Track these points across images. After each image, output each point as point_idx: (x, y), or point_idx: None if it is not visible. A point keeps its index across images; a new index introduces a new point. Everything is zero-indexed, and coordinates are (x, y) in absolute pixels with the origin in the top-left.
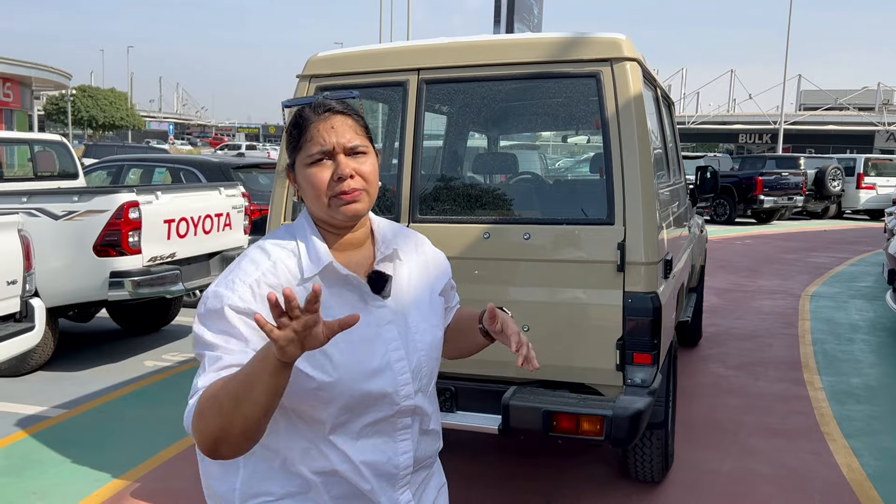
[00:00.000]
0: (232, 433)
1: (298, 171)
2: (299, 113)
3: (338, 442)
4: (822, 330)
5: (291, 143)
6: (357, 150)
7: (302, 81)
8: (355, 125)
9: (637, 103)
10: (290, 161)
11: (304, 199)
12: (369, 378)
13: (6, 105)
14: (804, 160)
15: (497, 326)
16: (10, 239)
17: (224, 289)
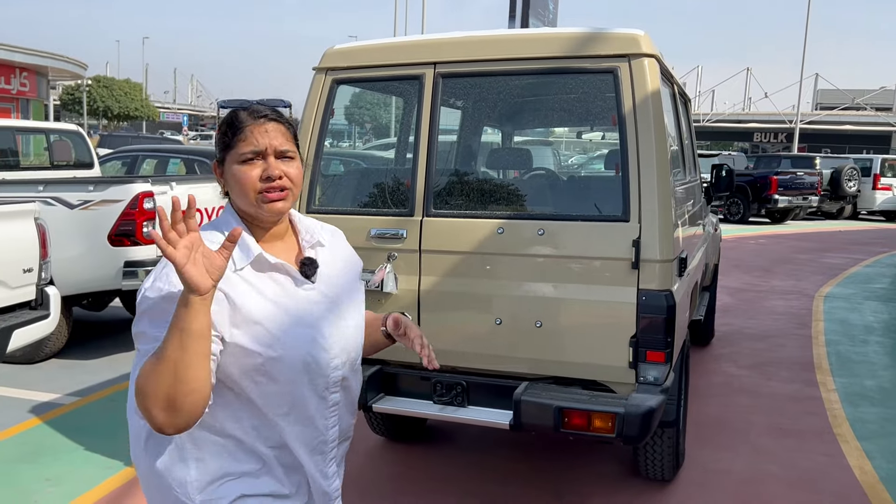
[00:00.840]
0: (180, 395)
1: (228, 167)
2: (235, 115)
3: (280, 418)
4: (835, 331)
5: (224, 141)
6: (286, 154)
7: (318, 74)
8: (286, 132)
9: (654, 100)
10: (219, 157)
11: (230, 193)
12: (308, 352)
13: (23, 94)
14: (820, 160)
15: (401, 330)
16: (27, 227)
17: (161, 283)
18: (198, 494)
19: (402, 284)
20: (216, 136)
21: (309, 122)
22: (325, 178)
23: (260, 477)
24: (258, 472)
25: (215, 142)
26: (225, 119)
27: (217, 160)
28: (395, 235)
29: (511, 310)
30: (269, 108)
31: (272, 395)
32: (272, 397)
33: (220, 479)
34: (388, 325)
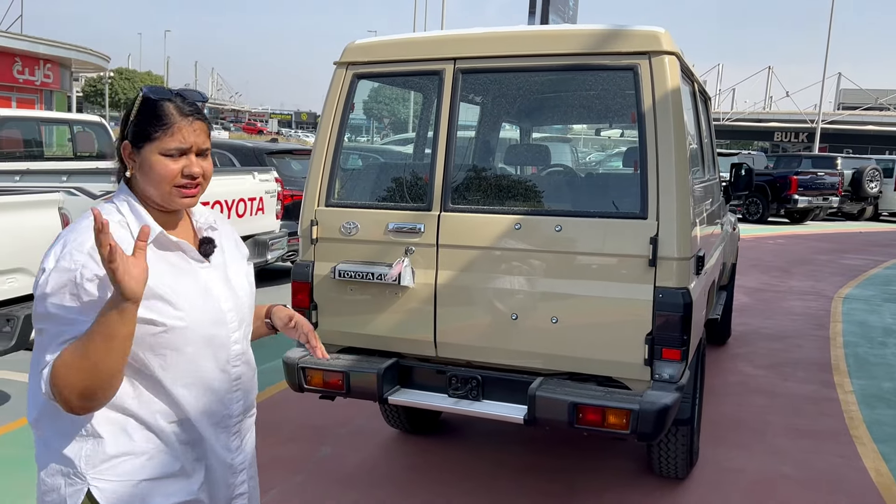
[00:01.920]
0: (99, 388)
1: (147, 155)
2: (161, 107)
3: (183, 393)
4: (854, 333)
5: (146, 130)
6: (205, 151)
7: (339, 68)
8: (207, 129)
9: (674, 98)
10: (136, 142)
11: (140, 177)
12: (210, 324)
13: (46, 86)
14: (841, 160)
15: (291, 324)
16: (51, 217)
17: (66, 262)
18: (90, 470)
19: (419, 278)
20: (131, 119)
21: (329, 116)
22: (343, 171)
23: (155, 457)
24: (154, 451)
25: (129, 123)
26: (147, 106)
27: (129, 142)
28: (412, 230)
29: (527, 305)
30: (194, 105)
31: (176, 369)
32: (176, 370)
33: (114, 457)
34: (277, 318)
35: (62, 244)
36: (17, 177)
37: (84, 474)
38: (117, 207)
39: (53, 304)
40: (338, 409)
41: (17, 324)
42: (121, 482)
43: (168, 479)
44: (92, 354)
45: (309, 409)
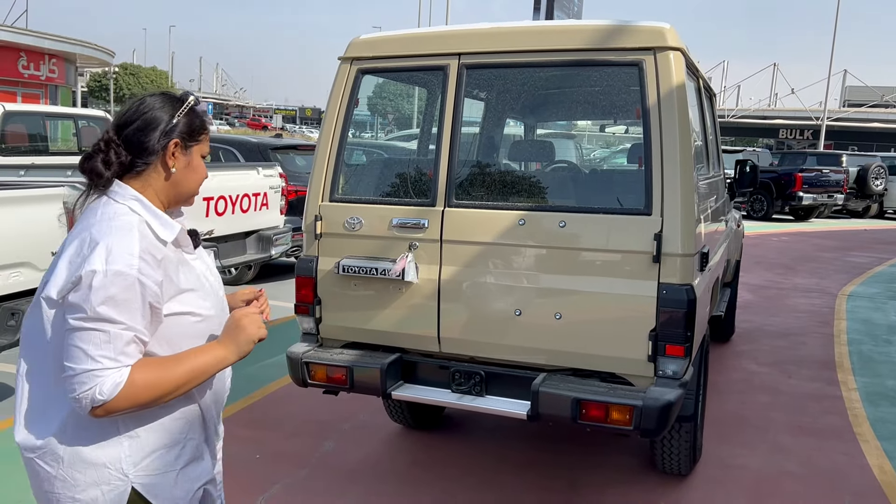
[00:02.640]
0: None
1: (194, 155)
2: (199, 114)
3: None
4: (858, 330)
5: (196, 130)
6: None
7: (343, 63)
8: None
9: (679, 94)
10: (186, 139)
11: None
12: (220, 310)
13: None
14: (846, 157)
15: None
16: (55, 211)
17: (120, 266)
18: (132, 469)
19: (423, 274)
20: (180, 119)
21: (333, 112)
22: (348, 167)
23: (186, 444)
24: (184, 439)
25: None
26: (194, 111)
27: (182, 142)
28: (416, 225)
29: (531, 301)
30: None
31: None
32: None
33: (153, 451)
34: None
35: (105, 247)
36: (22, 171)
37: (127, 474)
38: (130, 208)
39: (113, 309)
40: (341, 405)
41: (22, 318)
42: (162, 474)
43: (194, 463)
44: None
45: (312, 404)
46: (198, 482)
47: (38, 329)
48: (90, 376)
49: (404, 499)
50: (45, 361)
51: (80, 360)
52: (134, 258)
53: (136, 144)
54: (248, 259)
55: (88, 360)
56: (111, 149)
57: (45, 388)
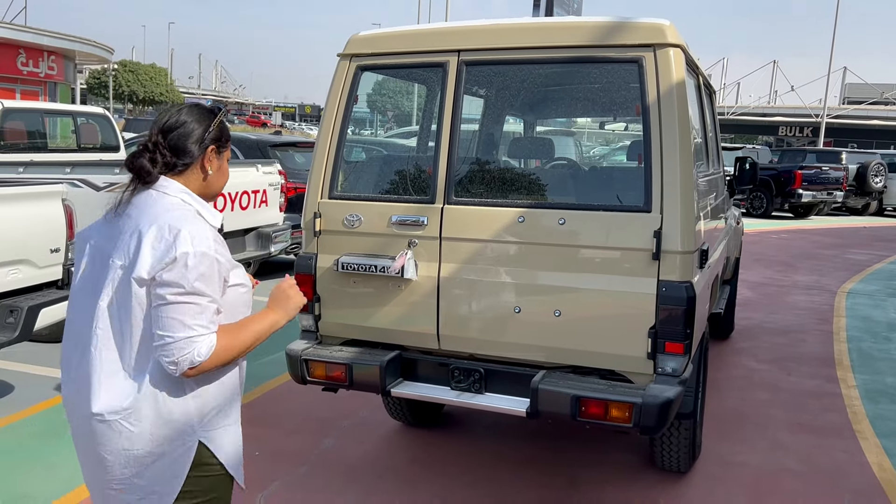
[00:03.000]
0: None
1: (223, 159)
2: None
3: None
4: (857, 327)
5: (223, 138)
6: None
7: (343, 60)
8: None
9: (679, 90)
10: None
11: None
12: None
13: (50, 78)
14: (846, 155)
15: None
16: (54, 208)
17: (204, 248)
18: (199, 424)
19: (422, 271)
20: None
21: (332, 109)
22: (347, 164)
23: (234, 404)
24: (233, 399)
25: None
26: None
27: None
28: (415, 222)
29: (530, 298)
30: None
31: None
32: None
33: (212, 410)
34: None
35: (188, 233)
36: (21, 168)
37: (195, 429)
38: (182, 200)
39: (199, 279)
40: (341, 402)
41: (21, 315)
42: (221, 429)
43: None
44: (255, 342)
45: (312, 401)
46: (238, 435)
47: (119, 305)
48: (188, 342)
49: (404, 496)
50: (125, 333)
51: (178, 329)
52: (210, 241)
53: (180, 148)
54: (248, 256)
55: (186, 328)
56: (157, 150)
57: (125, 357)
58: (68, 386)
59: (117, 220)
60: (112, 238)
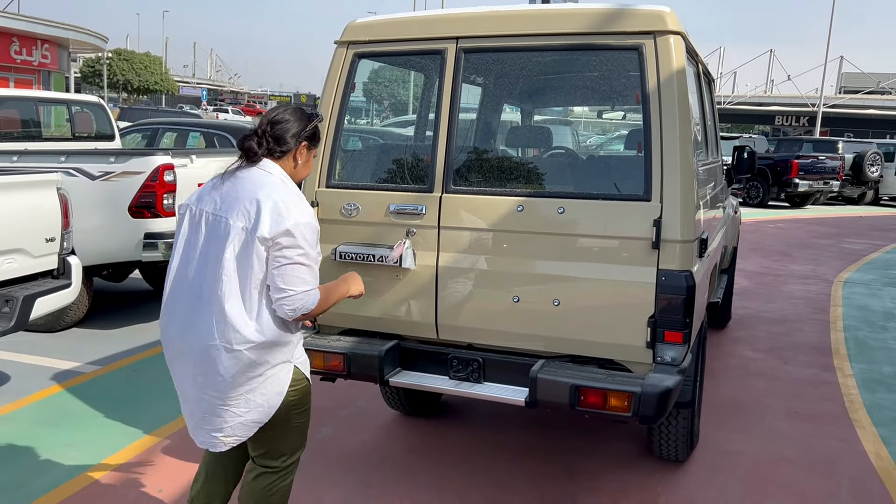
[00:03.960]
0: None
1: (312, 154)
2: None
3: None
4: (854, 317)
5: (315, 139)
6: None
7: (340, 48)
8: None
9: (679, 78)
10: (311, 142)
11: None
12: None
13: (44, 66)
14: (842, 144)
15: None
16: (49, 197)
17: (312, 220)
18: (292, 354)
19: (420, 260)
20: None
21: (330, 97)
22: (344, 153)
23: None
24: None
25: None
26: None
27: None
28: (414, 211)
29: (529, 288)
30: None
31: None
32: None
33: (298, 343)
34: None
35: (299, 206)
36: (15, 157)
37: (291, 357)
38: (282, 180)
39: (310, 243)
40: (339, 391)
41: (17, 304)
42: (303, 360)
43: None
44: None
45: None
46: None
47: (241, 257)
48: (306, 294)
49: (401, 486)
50: (245, 280)
51: (299, 285)
52: (312, 214)
53: (280, 138)
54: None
55: (305, 283)
56: (265, 137)
57: (245, 299)
58: (180, 323)
59: (222, 187)
60: (224, 202)
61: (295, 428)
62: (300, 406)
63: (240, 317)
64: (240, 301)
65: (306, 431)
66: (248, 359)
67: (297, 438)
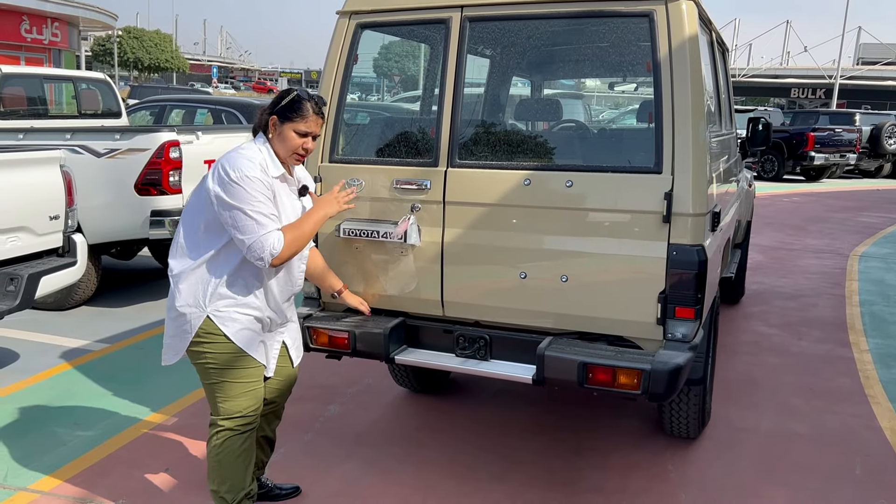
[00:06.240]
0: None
1: (284, 128)
2: (302, 103)
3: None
4: (870, 291)
5: (288, 113)
6: (316, 136)
7: (342, 18)
8: (321, 123)
9: (692, 46)
10: (279, 117)
11: (276, 140)
12: None
13: (54, 45)
14: (859, 116)
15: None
16: (53, 174)
17: (245, 170)
18: (208, 302)
19: (426, 237)
20: (283, 104)
21: (332, 70)
22: (348, 127)
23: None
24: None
25: (279, 106)
26: (293, 99)
27: (276, 116)
28: (418, 186)
29: (536, 263)
30: (320, 107)
31: None
32: None
33: (222, 296)
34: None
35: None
36: (21, 135)
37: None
38: (258, 149)
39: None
40: (346, 368)
41: (22, 283)
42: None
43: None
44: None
45: (317, 368)
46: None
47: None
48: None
49: (409, 463)
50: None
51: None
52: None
53: (261, 117)
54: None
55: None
56: (262, 114)
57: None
58: None
59: None
60: None
61: (208, 387)
62: (212, 363)
63: (179, 249)
64: (186, 241)
65: (223, 398)
66: (172, 288)
67: (211, 399)
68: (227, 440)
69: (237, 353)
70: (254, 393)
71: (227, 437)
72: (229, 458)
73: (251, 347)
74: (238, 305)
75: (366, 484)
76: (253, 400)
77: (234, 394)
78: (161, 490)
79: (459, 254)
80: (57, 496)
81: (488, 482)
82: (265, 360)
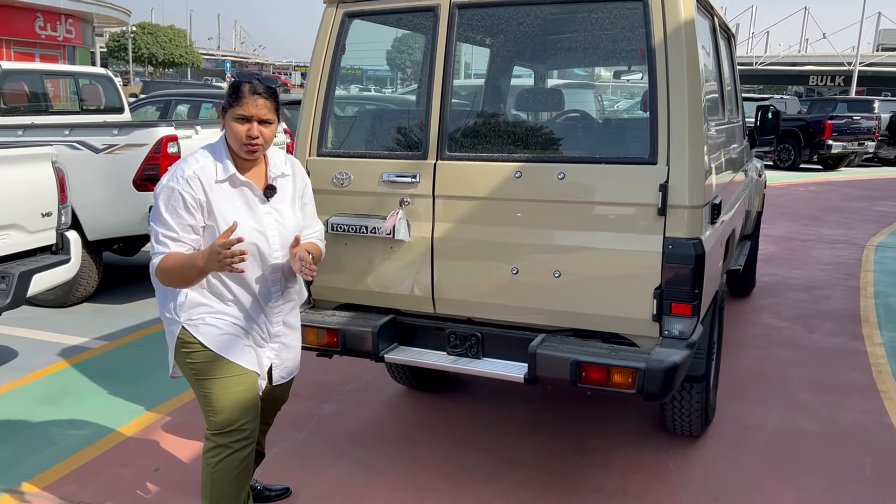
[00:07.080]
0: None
1: (228, 119)
2: (239, 86)
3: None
4: (885, 282)
5: (229, 101)
6: (266, 121)
7: (329, 7)
8: (271, 105)
9: (688, 32)
10: (224, 108)
11: (226, 133)
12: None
13: (68, 42)
14: (878, 103)
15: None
16: (45, 171)
17: (169, 179)
18: (181, 313)
19: (415, 231)
20: (227, 93)
21: (319, 60)
22: (336, 119)
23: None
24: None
25: (225, 97)
26: (232, 86)
27: (222, 108)
28: (407, 179)
29: (529, 259)
30: (264, 85)
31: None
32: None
33: (202, 306)
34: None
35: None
36: (21, 131)
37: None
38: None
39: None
40: (343, 366)
41: (13, 281)
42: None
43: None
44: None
45: (313, 365)
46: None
47: None
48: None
49: (404, 464)
50: None
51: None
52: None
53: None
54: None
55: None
56: None
57: None
58: None
59: None
60: None
61: (200, 397)
62: (197, 373)
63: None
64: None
65: (212, 411)
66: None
67: (204, 412)
68: (223, 460)
69: (215, 359)
70: (244, 403)
71: (224, 456)
72: (225, 478)
73: (232, 352)
74: (214, 312)
75: (357, 485)
76: (244, 411)
77: (223, 405)
78: (149, 490)
79: (450, 249)
80: (44, 497)
81: (482, 482)
82: (256, 367)
